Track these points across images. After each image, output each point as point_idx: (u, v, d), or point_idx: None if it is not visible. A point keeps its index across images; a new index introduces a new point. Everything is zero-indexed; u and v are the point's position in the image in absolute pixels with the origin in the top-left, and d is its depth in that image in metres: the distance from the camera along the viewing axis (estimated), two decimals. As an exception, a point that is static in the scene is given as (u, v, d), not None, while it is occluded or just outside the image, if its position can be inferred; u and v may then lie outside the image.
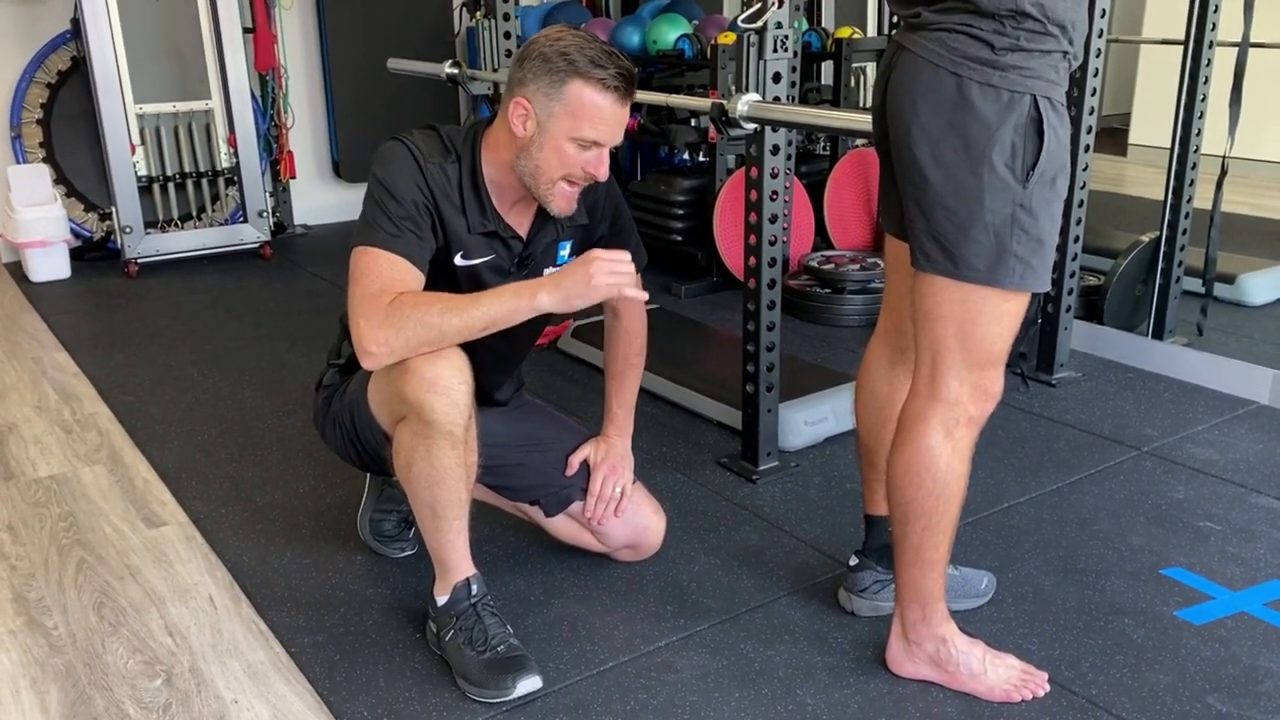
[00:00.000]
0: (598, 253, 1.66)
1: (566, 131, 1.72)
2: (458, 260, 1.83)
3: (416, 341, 1.65)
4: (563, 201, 1.79)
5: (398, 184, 1.74)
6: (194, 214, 4.68)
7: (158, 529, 2.37)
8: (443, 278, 1.82)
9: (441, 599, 1.85)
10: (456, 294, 1.71)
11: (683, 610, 2.02)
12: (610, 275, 1.64)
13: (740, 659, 1.88)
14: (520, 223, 1.88)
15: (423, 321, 1.64)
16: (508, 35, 3.44)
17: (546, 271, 1.93)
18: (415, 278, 1.73)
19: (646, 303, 2.07)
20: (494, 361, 1.96)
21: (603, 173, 1.77)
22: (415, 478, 1.75)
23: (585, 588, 2.10)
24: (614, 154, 1.81)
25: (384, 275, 1.69)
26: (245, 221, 4.66)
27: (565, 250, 1.96)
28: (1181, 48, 3.08)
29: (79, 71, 4.46)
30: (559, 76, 1.70)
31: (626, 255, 1.68)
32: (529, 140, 1.75)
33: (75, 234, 4.50)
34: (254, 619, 2.03)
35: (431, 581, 1.88)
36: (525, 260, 1.90)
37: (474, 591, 1.84)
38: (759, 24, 2.22)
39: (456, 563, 1.83)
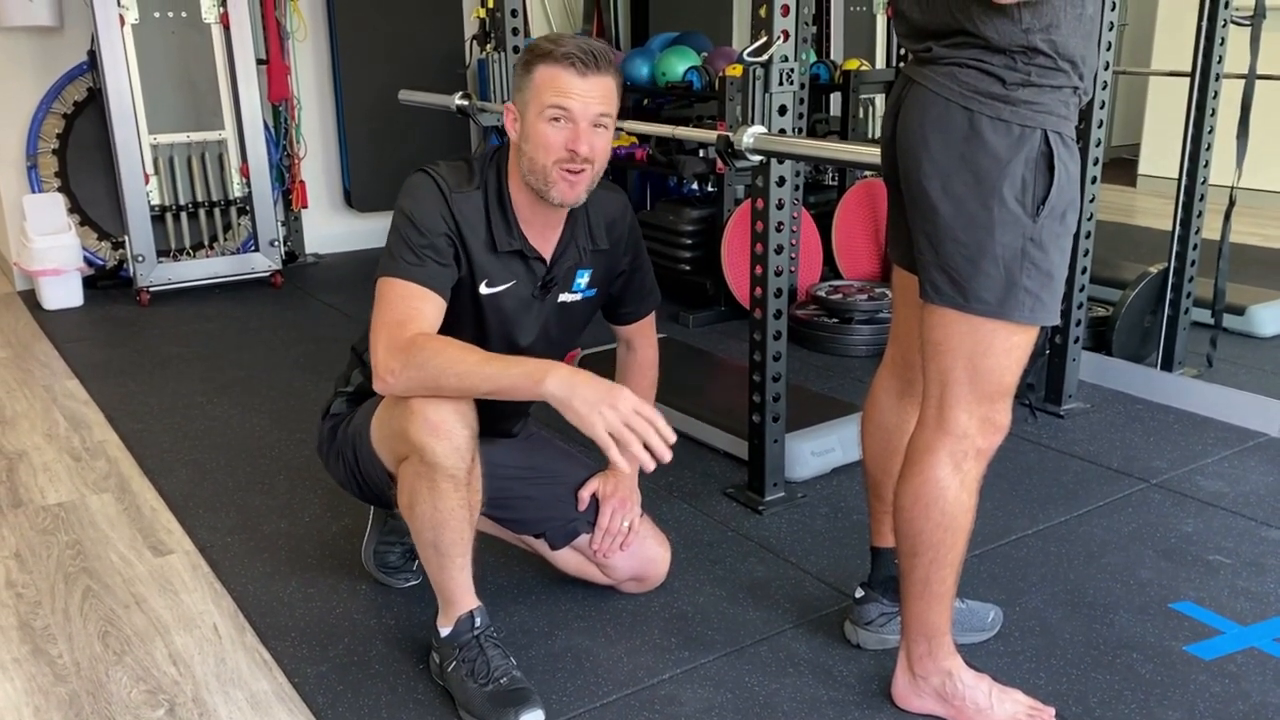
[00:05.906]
0: (631, 399, 1.57)
1: (536, 111, 1.74)
2: (483, 289, 1.84)
3: (415, 383, 1.66)
4: (564, 186, 1.77)
5: (421, 214, 1.77)
6: (206, 243, 4.71)
7: (164, 557, 2.37)
8: (468, 308, 1.83)
9: (445, 630, 1.85)
10: (473, 348, 1.68)
11: (687, 643, 2.01)
12: (616, 427, 1.55)
13: (745, 692, 1.86)
14: (544, 245, 1.88)
15: (425, 366, 1.64)
16: (518, 67, 3.47)
17: (562, 297, 1.94)
18: (435, 305, 1.75)
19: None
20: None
21: (583, 148, 1.73)
22: (418, 517, 1.75)
23: (589, 619, 2.09)
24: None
25: (403, 304, 1.72)
26: (257, 250, 4.69)
27: (583, 279, 1.95)
28: (1189, 80, 3.09)
29: (95, 102, 4.51)
30: (526, 68, 1.76)
31: (658, 417, 1.59)
32: (520, 138, 1.78)
33: (88, 262, 4.53)
34: (258, 648, 2.02)
35: (435, 613, 1.88)
36: (548, 284, 1.91)
37: (477, 623, 1.83)
38: (764, 57, 2.24)
39: (460, 596, 1.83)
